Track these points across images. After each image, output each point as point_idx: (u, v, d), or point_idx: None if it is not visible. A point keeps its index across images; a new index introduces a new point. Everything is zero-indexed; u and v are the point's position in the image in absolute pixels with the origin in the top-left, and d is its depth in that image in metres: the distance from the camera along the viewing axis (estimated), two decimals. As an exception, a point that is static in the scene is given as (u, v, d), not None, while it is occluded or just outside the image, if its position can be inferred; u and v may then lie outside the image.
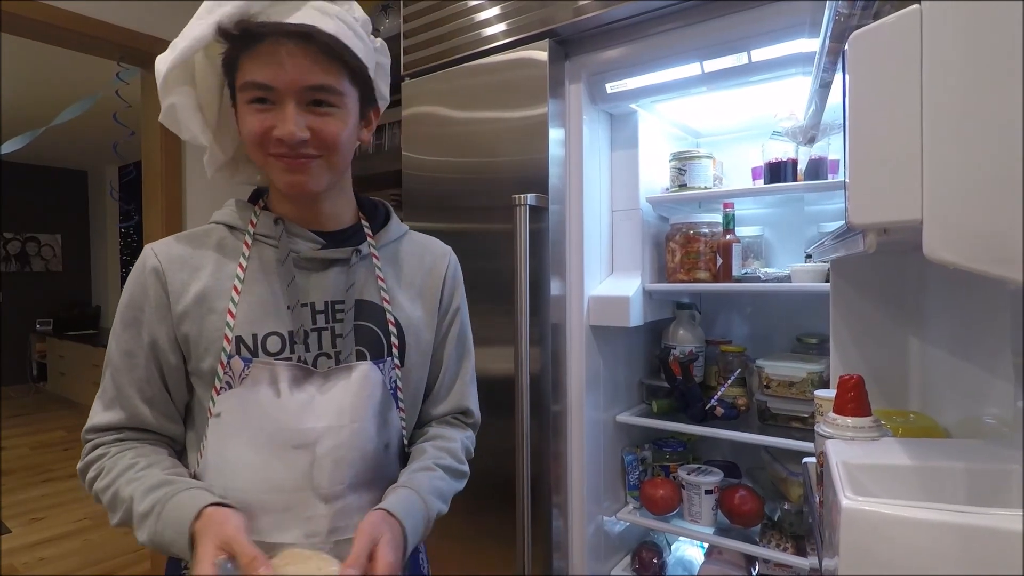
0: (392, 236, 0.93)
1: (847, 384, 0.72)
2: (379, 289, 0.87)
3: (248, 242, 0.81)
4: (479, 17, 1.55)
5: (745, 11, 1.24)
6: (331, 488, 0.79)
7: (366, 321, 0.85)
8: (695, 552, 1.72)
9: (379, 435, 0.84)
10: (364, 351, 0.83)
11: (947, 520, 0.43)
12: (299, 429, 0.78)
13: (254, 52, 0.73)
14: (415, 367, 0.90)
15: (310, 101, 0.75)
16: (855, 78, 0.46)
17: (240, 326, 0.78)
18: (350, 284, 0.84)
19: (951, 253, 0.40)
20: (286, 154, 0.75)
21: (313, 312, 0.82)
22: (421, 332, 0.90)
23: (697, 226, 1.55)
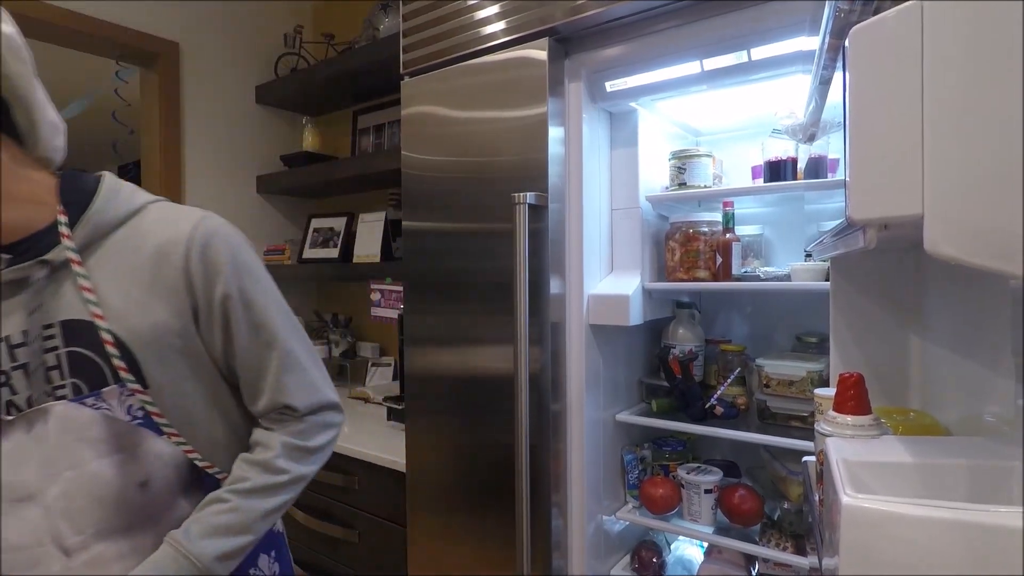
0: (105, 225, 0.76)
1: (847, 382, 0.71)
2: (85, 302, 0.71)
3: None
4: (478, 15, 1.54)
5: (745, 9, 1.23)
6: (72, 539, 0.69)
7: (77, 345, 0.71)
8: (695, 551, 1.72)
9: (124, 474, 0.72)
10: (79, 383, 0.70)
11: (948, 517, 0.43)
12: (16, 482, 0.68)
13: None
14: (172, 382, 0.77)
15: None
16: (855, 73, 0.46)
17: None
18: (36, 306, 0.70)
19: (952, 248, 0.40)
20: None
21: (10, 347, 0.70)
22: (165, 337, 0.75)
23: (697, 225, 1.54)
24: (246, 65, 2.62)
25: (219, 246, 0.79)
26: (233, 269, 0.79)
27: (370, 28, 2.40)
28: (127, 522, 0.73)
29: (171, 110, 2.37)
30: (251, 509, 0.77)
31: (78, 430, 0.70)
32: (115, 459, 0.71)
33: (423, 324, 1.67)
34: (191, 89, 2.43)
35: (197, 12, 2.44)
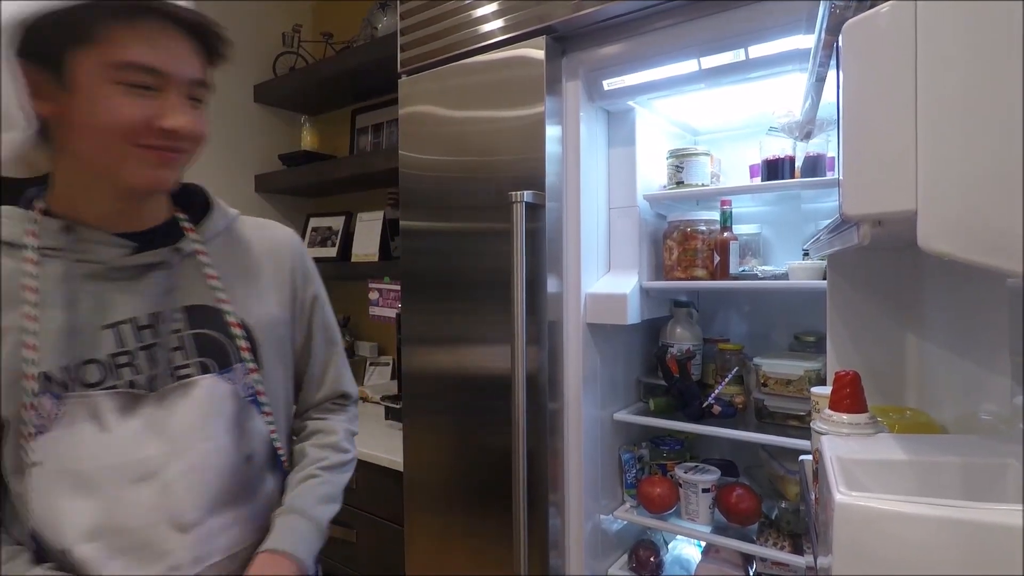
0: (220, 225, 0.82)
1: (843, 380, 0.71)
2: (212, 289, 0.77)
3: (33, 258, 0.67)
4: (475, 14, 1.54)
5: (742, 7, 1.23)
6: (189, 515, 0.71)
7: (205, 328, 0.75)
8: (692, 551, 1.72)
9: (238, 449, 0.77)
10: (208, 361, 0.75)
11: (943, 515, 0.43)
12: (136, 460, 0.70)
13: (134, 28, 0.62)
14: (276, 366, 0.84)
15: (191, 95, 0.69)
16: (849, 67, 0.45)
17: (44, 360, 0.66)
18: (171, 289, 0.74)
19: (945, 244, 0.40)
20: (163, 147, 0.66)
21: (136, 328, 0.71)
22: (277, 327, 0.83)
23: (695, 224, 1.54)
24: (244, 64, 2.61)
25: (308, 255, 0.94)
26: (317, 276, 0.95)
27: (368, 27, 2.40)
28: (234, 495, 0.77)
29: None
30: (337, 482, 0.88)
31: (217, 403, 0.75)
32: (234, 434, 0.77)
33: (421, 323, 1.66)
34: (189, 88, 2.42)
35: (195, 11, 2.43)
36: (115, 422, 0.69)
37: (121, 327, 0.71)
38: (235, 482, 0.77)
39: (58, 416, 0.67)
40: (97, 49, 0.62)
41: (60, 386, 0.67)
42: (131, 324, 0.71)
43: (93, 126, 0.63)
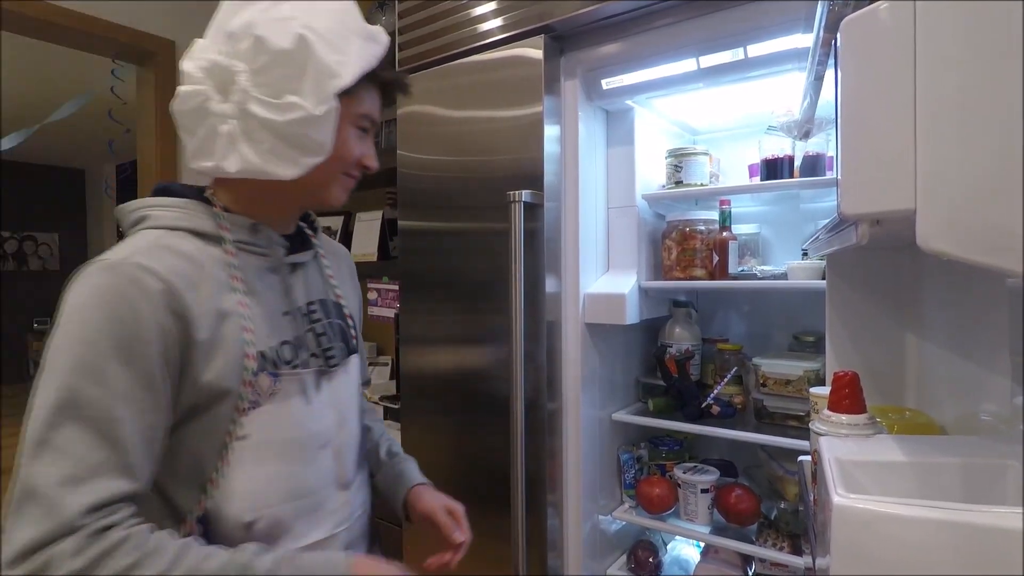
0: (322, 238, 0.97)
1: (842, 381, 0.71)
2: (331, 287, 0.91)
3: (232, 250, 0.75)
4: (474, 13, 1.54)
5: (740, 6, 1.23)
6: (350, 476, 0.86)
7: (335, 318, 0.88)
8: (691, 551, 1.71)
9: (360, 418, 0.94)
10: (343, 346, 0.87)
11: (942, 517, 0.42)
12: (323, 429, 0.81)
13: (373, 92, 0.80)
14: (362, 352, 0.99)
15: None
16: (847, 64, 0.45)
17: (259, 341, 0.73)
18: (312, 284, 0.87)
19: (945, 243, 0.39)
20: (354, 176, 0.83)
21: (301, 315, 0.82)
22: (359, 322, 0.98)
23: (694, 223, 1.54)
24: (243, 64, 2.61)
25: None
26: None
27: (367, 26, 2.39)
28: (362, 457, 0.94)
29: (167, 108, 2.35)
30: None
31: (356, 380, 0.91)
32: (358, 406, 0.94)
33: (419, 323, 1.66)
34: (187, 88, 2.42)
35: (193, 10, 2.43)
36: (313, 396, 0.80)
37: (295, 314, 0.81)
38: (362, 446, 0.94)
39: (274, 392, 0.74)
40: (351, 99, 0.76)
41: (272, 364, 0.75)
42: (298, 312, 0.82)
43: (337, 156, 0.77)
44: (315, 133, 0.72)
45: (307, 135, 0.72)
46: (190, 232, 0.74)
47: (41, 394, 0.61)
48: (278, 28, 0.69)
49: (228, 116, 0.71)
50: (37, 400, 0.61)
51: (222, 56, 0.71)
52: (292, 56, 0.69)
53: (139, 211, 0.75)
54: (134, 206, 0.76)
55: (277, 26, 0.69)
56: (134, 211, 0.76)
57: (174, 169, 2.39)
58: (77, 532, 0.57)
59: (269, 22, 0.70)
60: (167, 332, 0.66)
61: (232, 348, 0.71)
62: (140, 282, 0.65)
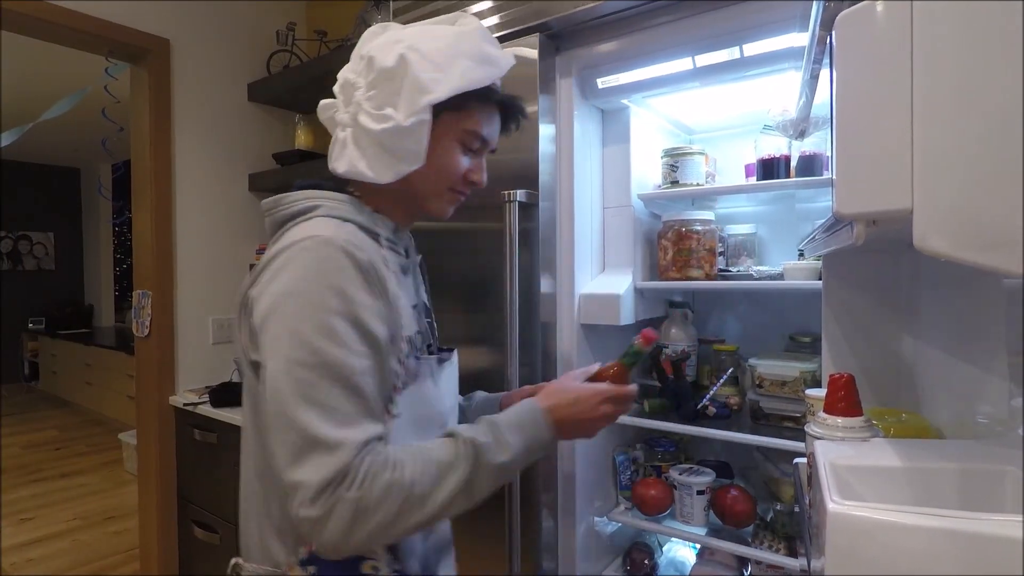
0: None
1: (837, 383, 0.70)
2: (425, 291, 0.98)
3: (385, 245, 0.84)
4: (471, 10, 1.52)
5: (736, 5, 1.22)
6: None
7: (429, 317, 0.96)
8: (687, 553, 1.70)
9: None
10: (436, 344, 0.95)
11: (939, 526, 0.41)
12: (444, 410, 0.90)
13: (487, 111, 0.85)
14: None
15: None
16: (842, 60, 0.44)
17: (407, 326, 0.82)
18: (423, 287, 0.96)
19: (942, 243, 0.38)
20: (463, 193, 0.88)
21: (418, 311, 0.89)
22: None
23: (690, 223, 1.53)
24: (238, 62, 2.59)
25: None
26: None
27: (363, 25, 2.38)
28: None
29: (162, 107, 2.34)
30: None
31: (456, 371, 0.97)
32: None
33: (413, 323, 1.65)
34: (182, 86, 2.40)
35: (188, 9, 2.41)
36: (440, 379, 0.88)
37: (416, 308, 0.88)
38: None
39: (416, 373, 0.82)
40: (459, 116, 0.82)
41: (415, 349, 0.82)
42: (422, 306, 0.91)
43: (437, 167, 0.83)
44: (407, 143, 0.79)
45: (400, 144, 0.79)
46: (356, 225, 0.81)
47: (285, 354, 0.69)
48: (387, 49, 0.79)
49: (346, 124, 0.82)
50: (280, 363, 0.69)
51: (351, 74, 0.83)
52: (393, 73, 0.78)
53: (309, 201, 0.82)
54: (301, 196, 0.83)
55: (387, 48, 0.79)
56: (302, 200, 0.83)
57: (168, 168, 2.37)
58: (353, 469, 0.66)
59: (383, 44, 0.80)
60: (379, 297, 0.76)
61: (396, 328, 0.79)
62: (353, 255, 0.74)
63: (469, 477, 0.71)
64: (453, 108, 0.81)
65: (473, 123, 0.83)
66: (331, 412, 0.68)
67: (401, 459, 0.70)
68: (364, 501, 0.66)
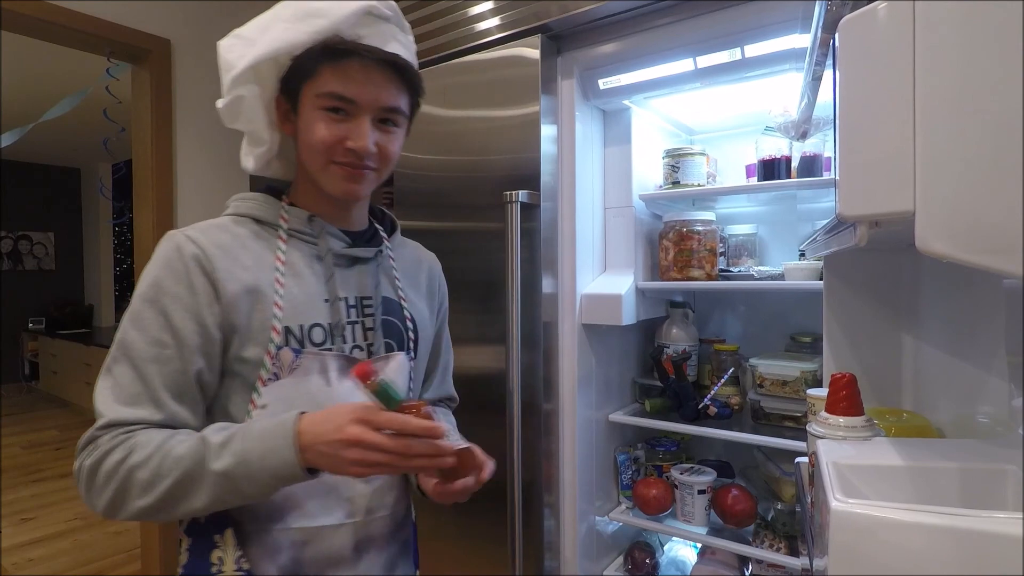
0: (398, 241, 1.00)
1: (839, 383, 0.70)
2: (396, 288, 0.93)
3: (283, 237, 0.83)
4: (471, 12, 1.53)
5: (738, 6, 1.22)
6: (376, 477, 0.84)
7: (391, 316, 0.91)
8: (688, 552, 1.71)
9: None
10: (391, 343, 0.89)
11: (941, 523, 0.42)
12: None
13: (340, 67, 0.77)
14: (422, 359, 0.98)
15: (380, 119, 0.81)
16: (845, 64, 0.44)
17: (287, 317, 0.79)
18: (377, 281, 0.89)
19: (944, 245, 0.39)
20: (351, 164, 0.80)
21: (346, 306, 0.85)
22: (427, 328, 0.98)
23: (691, 224, 1.53)
24: (239, 62, 2.59)
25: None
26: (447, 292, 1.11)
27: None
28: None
29: (163, 108, 2.34)
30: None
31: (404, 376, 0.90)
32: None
33: (415, 323, 1.65)
34: (183, 86, 2.40)
35: (190, 9, 2.41)
36: (335, 380, 0.82)
37: (337, 303, 0.84)
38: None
39: (295, 367, 0.79)
40: (313, 82, 0.78)
41: (297, 342, 0.79)
42: (344, 302, 0.85)
43: (305, 143, 0.80)
44: (244, 126, 0.83)
45: (245, 130, 0.84)
46: (253, 219, 0.84)
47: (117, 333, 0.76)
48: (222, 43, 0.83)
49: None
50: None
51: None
52: (220, 63, 0.82)
53: (229, 202, 0.86)
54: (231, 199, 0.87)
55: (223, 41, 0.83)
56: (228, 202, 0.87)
57: (169, 168, 2.38)
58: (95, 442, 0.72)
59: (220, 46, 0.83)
60: (198, 290, 0.75)
61: (261, 321, 0.78)
62: (181, 247, 0.76)
63: (182, 478, 0.69)
64: (305, 76, 0.78)
65: (324, 84, 0.77)
66: (117, 388, 0.73)
67: (142, 444, 0.71)
68: (95, 474, 0.71)
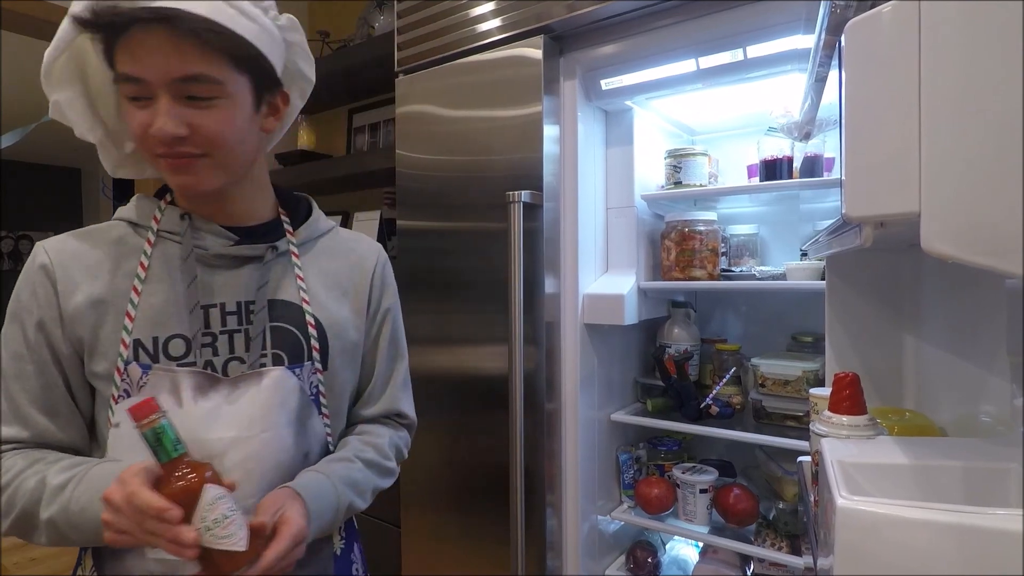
0: (316, 232, 0.87)
1: (842, 382, 0.71)
2: (298, 288, 0.81)
3: (151, 239, 0.75)
4: (473, 13, 1.54)
5: (740, 7, 1.23)
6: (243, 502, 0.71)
7: (283, 322, 0.79)
8: (690, 551, 1.71)
9: (296, 444, 0.78)
10: (281, 354, 0.78)
11: (944, 520, 0.42)
12: (205, 440, 0.71)
13: (123, 42, 0.65)
14: (340, 370, 0.85)
15: (187, 94, 0.67)
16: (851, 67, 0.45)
17: (139, 329, 0.72)
18: (263, 283, 0.78)
19: (948, 246, 0.39)
20: (166, 153, 0.68)
21: (223, 313, 0.76)
22: (347, 333, 0.85)
23: (692, 224, 1.54)
24: (240, 63, 2.59)
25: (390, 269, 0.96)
26: (394, 290, 0.96)
27: (365, 26, 2.39)
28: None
29: (164, 108, 2.34)
30: (369, 479, 0.85)
31: (284, 395, 0.76)
32: (295, 428, 0.78)
33: (417, 323, 1.66)
34: (185, 87, 2.40)
35: (191, 9, 2.41)
36: (189, 400, 0.72)
37: (210, 310, 0.75)
38: (290, 476, 0.77)
39: (143, 385, 0.71)
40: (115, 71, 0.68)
41: (149, 357, 0.72)
42: (219, 308, 0.76)
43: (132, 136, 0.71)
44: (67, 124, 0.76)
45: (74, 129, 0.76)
46: (128, 222, 0.78)
47: None
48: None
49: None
50: None
51: None
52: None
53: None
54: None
55: None
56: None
57: (171, 168, 2.38)
58: None
59: None
60: (42, 302, 0.72)
61: (109, 334, 0.72)
62: (35, 257, 0.73)
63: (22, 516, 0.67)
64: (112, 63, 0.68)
65: (118, 66, 0.67)
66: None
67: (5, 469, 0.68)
68: None
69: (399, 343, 0.97)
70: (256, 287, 0.77)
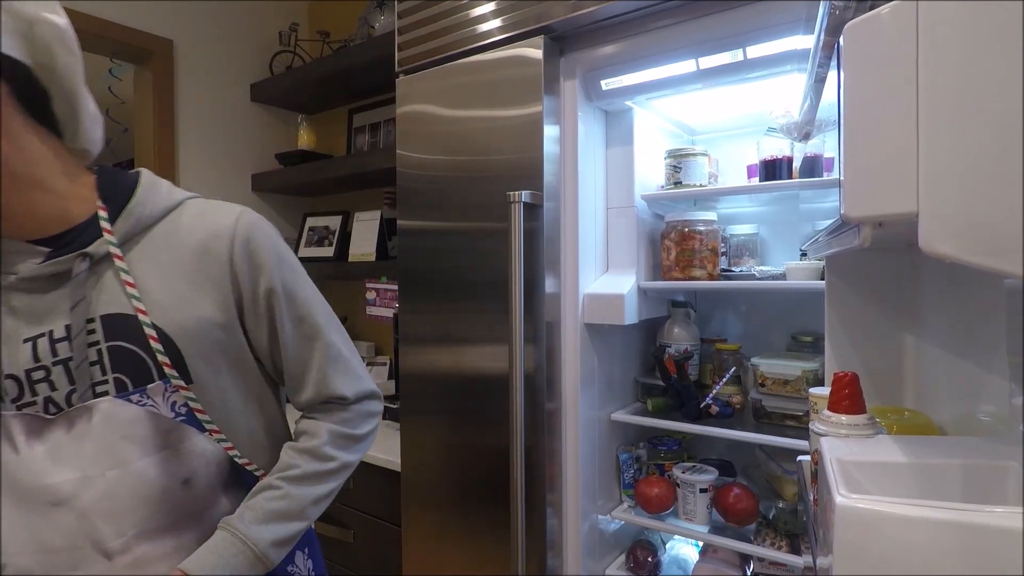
0: (144, 220, 0.74)
1: (842, 381, 0.71)
2: (128, 296, 0.69)
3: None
4: (473, 13, 1.54)
5: (740, 7, 1.23)
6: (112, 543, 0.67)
7: (121, 340, 0.69)
8: (690, 551, 1.72)
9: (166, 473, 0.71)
10: (123, 379, 0.69)
11: (944, 518, 0.43)
12: (48, 485, 0.66)
13: None
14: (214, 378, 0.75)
15: None
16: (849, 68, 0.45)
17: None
18: (76, 300, 0.67)
19: (947, 246, 0.40)
20: None
21: (51, 341, 0.68)
22: (209, 334, 0.74)
23: (693, 224, 1.54)
24: (241, 63, 2.60)
25: (261, 240, 0.78)
26: (276, 263, 0.79)
27: (365, 26, 2.39)
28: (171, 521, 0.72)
29: (165, 108, 2.35)
30: (302, 496, 0.78)
31: (123, 427, 0.68)
32: (159, 456, 0.70)
33: (418, 323, 1.66)
34: (185, 87, 2.41)
35: (191, 9, 2.42)
36: (23, 445, 0.66)
37: (38, 341, 0.67)
38: (169, 508, 0.71)
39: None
40: None
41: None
42: (47, 337, 0.67)
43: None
44: None
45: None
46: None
47: None
48: None
49: None
50: None
51: None
52: None
53: None
54: None
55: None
56: None
57: (172, 168, 2.39)
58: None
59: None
60: None
61: None
62: None
63: None
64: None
65: None
66: None
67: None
68: None
69: (309, 319, 0.82)
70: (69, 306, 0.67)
